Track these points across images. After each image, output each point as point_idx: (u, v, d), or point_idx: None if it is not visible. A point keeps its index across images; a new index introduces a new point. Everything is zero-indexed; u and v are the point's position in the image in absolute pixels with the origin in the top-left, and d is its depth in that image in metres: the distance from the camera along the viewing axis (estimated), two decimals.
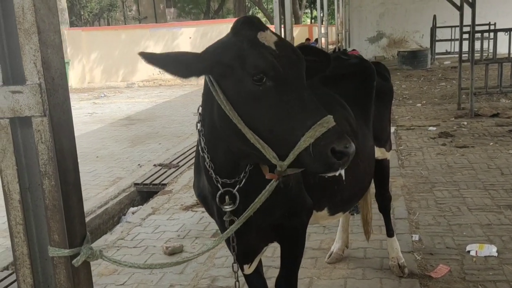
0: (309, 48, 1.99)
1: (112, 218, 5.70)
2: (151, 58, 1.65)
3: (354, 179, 2.67)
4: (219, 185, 1.92)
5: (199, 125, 1.93)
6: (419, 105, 10.66)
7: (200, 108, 1.93)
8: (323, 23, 19.41)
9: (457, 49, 11.19)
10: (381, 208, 3.59)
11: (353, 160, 2.63)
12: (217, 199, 1.94)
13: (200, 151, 1.97)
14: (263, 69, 1.64)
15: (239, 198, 1.91)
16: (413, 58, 17.91)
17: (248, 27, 1.74)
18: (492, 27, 16.95)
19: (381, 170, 3.32)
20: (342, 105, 2.74)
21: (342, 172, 1.62)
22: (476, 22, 9.06)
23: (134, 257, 4.12)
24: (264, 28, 1.75)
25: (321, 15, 19.62)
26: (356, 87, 2.93)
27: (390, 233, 3.62)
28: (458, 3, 9.34)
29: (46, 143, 1.46)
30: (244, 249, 2.19)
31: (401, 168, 6.08)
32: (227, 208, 1.92)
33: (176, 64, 1.70)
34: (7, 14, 1.44)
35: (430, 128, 8.20)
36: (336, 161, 1.58)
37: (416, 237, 4.09)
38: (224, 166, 1.91)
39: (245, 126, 1.67)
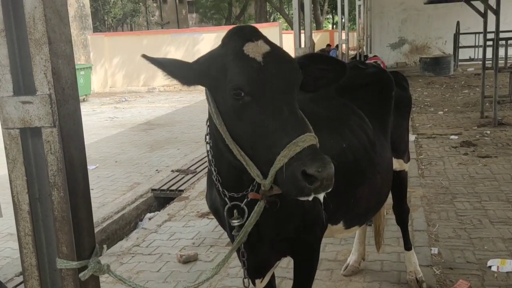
0: (319, 57, 1.90)
1: (129, 223, 5.72)
2: (152, 60, 1.70)
3: (371, 192, 2.61)
4: (226, 198, 1.89)
5: (207, 137, 1.91)
6: (440, 113, 10.48)
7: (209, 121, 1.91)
8: (344, 28, 19.31)
9: (480, 56, 10.98)
10: (399, 221, 3.51)
11: (370, 172, 2.60)
12: (225, 213, 1.90)
13: (208, 164, 1.94)
14: (238, 83, 1.59)
15: (247, 212, 1.86)
16: (436, 65, 17.65)
17: (236, 37, 1.69)
18: None
19: (399, 182, 3.25)
20: (359, 116, 2.69)
21: (320, 196, 1.49)
22: (501, 29, 8.90)
23: (149, 265, 4.11)
24: (255, 38, 1.68)
25: (342, 20, 19.55)
26: (374, 97, 2.86)
27: (407, 246, 3.53)
28: (482, 10, 9.18)
29: (55, 154, 1.46)
30: (256, 263, 2.15)
31: (421, 178, 5.96)
32: (235, 222, 1.87)
33: (173, 69, 1.72)
34: (19, 24, 1.44)
35: (452, 136, 8.04)
36: (307, 185, 1.44)
37: (435, 250, 3.99)
38: (229, 179, 1.88)
39: (232, 141, 1.64)
